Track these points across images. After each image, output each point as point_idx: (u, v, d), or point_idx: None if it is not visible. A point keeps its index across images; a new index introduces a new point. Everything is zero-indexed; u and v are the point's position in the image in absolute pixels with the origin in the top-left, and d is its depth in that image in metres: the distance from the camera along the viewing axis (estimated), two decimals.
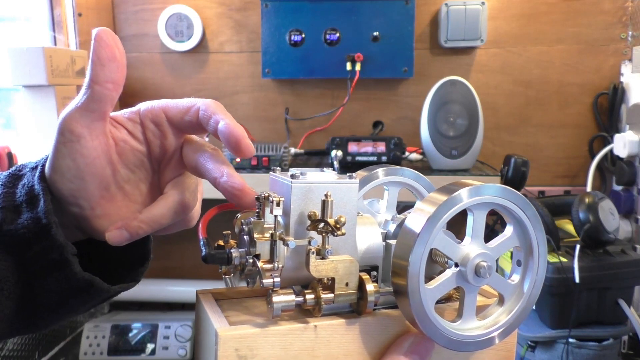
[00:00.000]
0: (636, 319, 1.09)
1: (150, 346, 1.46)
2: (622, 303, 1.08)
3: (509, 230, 0.42)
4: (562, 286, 1.05)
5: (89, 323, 1.50)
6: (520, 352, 1.11)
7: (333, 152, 1.22)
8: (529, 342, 1.10)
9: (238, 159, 1.25)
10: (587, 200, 1.09)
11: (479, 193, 0.39)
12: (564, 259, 1.05)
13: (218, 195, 0.43)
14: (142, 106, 0.44)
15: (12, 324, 0.42)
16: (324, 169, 0.44)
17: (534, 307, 1.12)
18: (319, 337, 0.40)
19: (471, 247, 0.40)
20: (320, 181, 0.41)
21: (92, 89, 0.40)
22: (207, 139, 0.47)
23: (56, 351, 1.41)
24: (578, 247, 1.06)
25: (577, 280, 1.03)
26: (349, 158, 1.25)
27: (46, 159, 0.42)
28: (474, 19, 1.43)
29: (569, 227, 1.17)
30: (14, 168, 0.44)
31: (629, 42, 1.46)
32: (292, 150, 1.45)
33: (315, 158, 1.48)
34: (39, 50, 1.24)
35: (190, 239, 0.45)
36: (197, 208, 0.47)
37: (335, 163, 1.20)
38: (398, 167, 0.51)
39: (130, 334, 1.48)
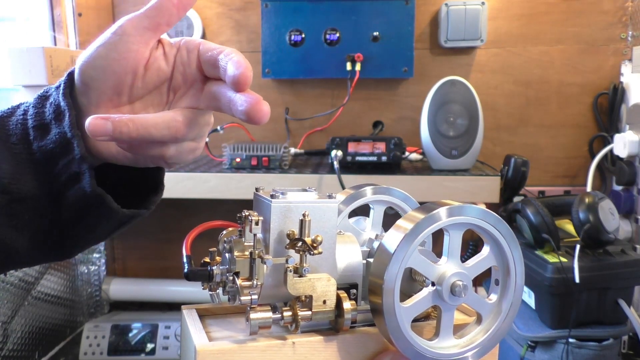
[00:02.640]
0: (636, 319, 1.09)
1: (150, 346, 1.46)
2: (622, 303, 1.08)
3: (485, 250, 0.42)
4: (562, 286, 1.05)
5: (89, 323, 1.50)
6: (520, 352, 1.11)
7: (333, 152, 1.22)
8: (529, 342, 1.10)
9: (238, 159, 1.25)
10: (587, 200, 1.09)
11: (457, 213, 0.40)
12: (564, 259, 1.05)
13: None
14: (187, 38, 0.47)
15: (44, 244, 0.46)
16: (307, 188, 0.44)
17: (533, 307, 1.12)
18: (297, 354, 0.40)
19: (447, 266, 0.41)
20: (299, 201, 0.42)
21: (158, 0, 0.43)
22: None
23: (56, 351, 1.41)
24: (578, 247, 1.06)
25: (577, 280, 1.03)
26: (348, 158, 1.25)
27: (69, 75, 0.45)
28: (474, 19, 1.43)
29: (569, 227, 1.17)
30: (42, 91, 0.47)
31: (629, 42, 1.46)
32: (292, 150, 1.45)
33: (315, 158, 1.48)
34: (39, 50, 1.24)
35: (192, 243, 0.45)
36: (190, 148, 0.47)
37: (335, 163, 1.20)
38: (387, 187, 0.51)
39: (130, 334, 1.48)
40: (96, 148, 0.46)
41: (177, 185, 1.21)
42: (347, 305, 0.41)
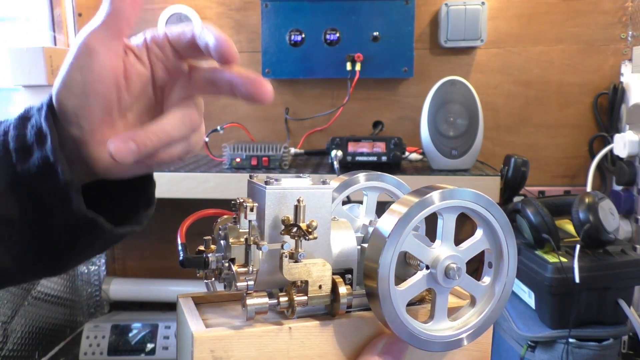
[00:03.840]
0: (636, 319, 1.09)
1: (150, 346, 1.46)
2: (622, 303, 1.08)
3: (479, 233, 0.43)
4: (562, 286, 1.05)
5: (89, 323, 1.50)
6: (520, 352, 1.11)
7: (333, 152, 1.22)
8: (529, 342, 1.10)
9: (238, 159, 1.25)
10: (587, 200, 1.09)
11: (450, 196, 0.40)
12: (564, 259, 1.05)
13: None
14: (149, 32, 0.45)
15: (34, 263, 0.45)
16: (301, 175, 0.45)
17: (533, 307, 1.12)
18: (294, 339, 0.41)
19: (441, 250, 0.41)
20: (294, 187, 0.42)
21: (111, 4, 0.41)
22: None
23: (56, 351, 1.41)
24: (578, 247, 1.06)
25: (577, 280, 1.03)
26: (349, 158, 1.25)
27: (50, 98, 0.43)
28: (474, 19, 1.43)
29: (569, 227, 1.17)
30: (23, 111, 0.45)
31: (629, 42, 1.46)
32: (292, 150, 1.45)
33: (315, 158, 1.48)
34: (39, 50, 1.24)
35: (190, 239, 0.46)
36: (201, 134, 0.47)
37: (335, 163, 1.20)
38: (380, 173, 0.51)
39: (130, 334, 1.48)
40: (87, 165, 0.44)
41: (177, 185, 1.21)
42: (343, 289, 0.41)
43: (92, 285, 1.61)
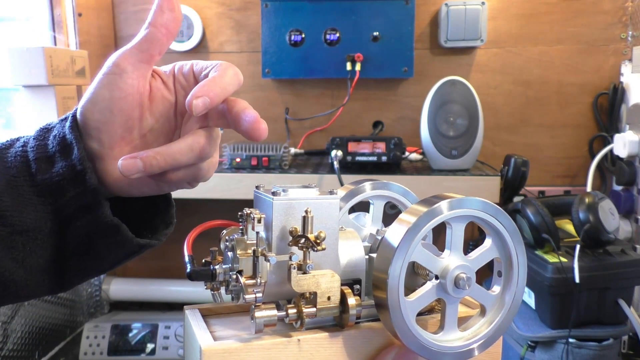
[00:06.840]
0: (636, 319, 1.09)
1: (150, 346, 1.46)
2: (622, 303, 1.08)
3: (488, 242, 0.42)
4: (562, 286, 1.05)
5: (89, 323, 1.50)
6: (520, 352, 1.11)
7: (333, 152, 1.22)
8: (529, 342, 1.10)
9: (238, 159, 1.25)
10: (587, 200, 1.09)
11: (459, 206, 0.40)
12: (564, 259, 1.05)
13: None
14: (178, 62, 0.49)
15: (45, 276, 0.45)
16: (308, 184, 0.44)
17: (533, 307, 1.12)
18: (303, 351, 0.40)
19: (450, 259, 0.41)
20: (301, 197, 0.42)
21: (148, 30, 0.44)
22: (221, 131, 0.50)
23: (56, 351, 1.41)
24: (578, 247, 1.06)
25: (577, 280, 1.03)
26: (349, 158, 1.25)
27: (74, 112, 0.45)
28: (474, 19, 1.43)
29: (569, 227, 1.17)
30: (44, 124, 0.47)
31: (629, 42, 1.46)
32: (292, 150, 1.45)
33: (315, 158, 1.48)
34: (39, 50, 1.24)
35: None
36: (213, 163, 0.49)
37: (335, 163, 1.20)
38: (386, 181, 0.51)
39: (130, 334, 1.48)
40: (104, 182, 0.46)
41: None
42: (352, 301, 0.41)
43: (92, 285, 1.61)
